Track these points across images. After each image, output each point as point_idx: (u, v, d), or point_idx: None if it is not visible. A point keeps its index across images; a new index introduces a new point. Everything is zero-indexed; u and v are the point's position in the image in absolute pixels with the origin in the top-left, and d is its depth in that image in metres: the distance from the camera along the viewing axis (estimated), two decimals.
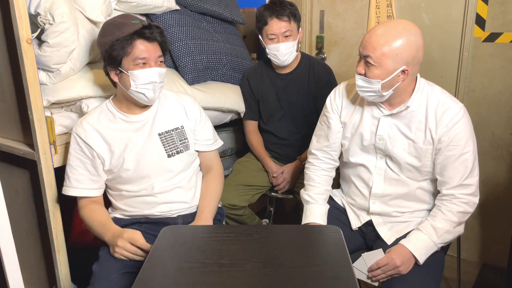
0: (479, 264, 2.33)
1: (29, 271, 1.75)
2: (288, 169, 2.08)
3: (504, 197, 2.20)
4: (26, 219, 1.75)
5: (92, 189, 1.52)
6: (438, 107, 1.39)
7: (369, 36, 1.35)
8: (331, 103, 1.59)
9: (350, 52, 2.51)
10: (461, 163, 1.38)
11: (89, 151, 1.48)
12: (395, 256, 1.36)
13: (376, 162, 1.52)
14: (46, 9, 1.45)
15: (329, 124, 1.59)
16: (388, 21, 1.40)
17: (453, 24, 2.17)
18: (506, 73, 2.08)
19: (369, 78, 1.36)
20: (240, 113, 2.14)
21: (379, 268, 1.38)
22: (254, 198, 2.11)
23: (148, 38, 1.42)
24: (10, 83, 1.51)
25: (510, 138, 2.14)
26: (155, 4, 1.86)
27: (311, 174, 1.65)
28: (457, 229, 1.43)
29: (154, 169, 1.53)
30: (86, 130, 1.48)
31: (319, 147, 1.64)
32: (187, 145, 1.59)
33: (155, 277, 1.03)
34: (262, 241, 1.19)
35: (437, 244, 1.39)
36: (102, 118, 1.52)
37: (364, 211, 1.58)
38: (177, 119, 1.59)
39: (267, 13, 1.91)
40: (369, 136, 1.49)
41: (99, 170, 1.50)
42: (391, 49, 1.31)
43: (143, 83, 1.43)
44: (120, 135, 1.50)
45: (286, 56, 1.94)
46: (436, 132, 1.39)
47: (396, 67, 1.33)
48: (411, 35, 1.32)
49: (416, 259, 1.37)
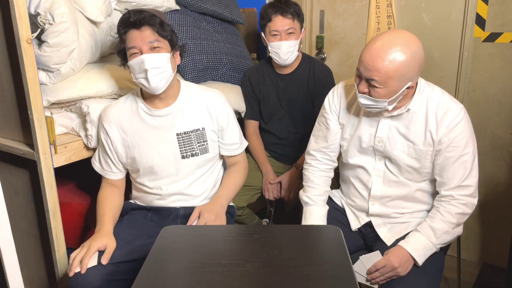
0: (479, 264, 2.33)
1: (29, 271, 1.75)
2: (286, 179, 2.06)
3: (504, 197, 2.20)
4: (26, 219, 1.75)
5: (106, 171, 1.59)
6: (438, 108, 1.38)
7: (370, 58, 1.28)
8: (329, 103, 1.58)
9: (350, 52, 2.51)
10: (461, 165, 1.38)
11: (105, 138, 1.54)
12: (392, 258, 1.36)
13: (375, 164, 1.51)
14: (46, 9, 1.45)
15: (328, 125, 1.58)
16: (387, 36, 1.30)
17: (453, 24, 2.17)
18: (506, 73, 2.08)
19: (374, 97, 1.33)
20: (240, 112, 2.14)
21: (377, 271, 1.38)
22: (254, 198, 2.11)
23: (134, 24, 1.39)
24: (10, 83, 1.51)
25: (510, 138, 2.14)
26: (155, 4, 1.86)
27: (310, 175, 1.65)
28: (456, 230, 1.43)
29: (165, 168, 1.54)
30: (108, 117, 1.54)
31: (317, 148, 1.64)
32: (206, 148, 1.57)
33: (155, 277, 1.03)
34: (262, 241, 1.18)
35: (436, 245, 1.39)
36: (126, 107, 1.55)
37: (364, 212, 1.58)
38: (199, 120, 1.56)
39: (271, 10, 1.92)
40: (368, 138, 1.48)
41: (113, 157, 1.56)
42: (396, 72, 1.26)
43: (137, 73, 1.42)
44: (139, 128, 1.53)
45: (288, 54, 1.94)
46: (436, 134, 1.38)
47: (402, 86, 1.31)
48: (414, 52, 1.27)
49: (415, 260, 1.37)
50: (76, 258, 1.34)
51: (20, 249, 1.55)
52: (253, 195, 2.10)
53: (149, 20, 1.40)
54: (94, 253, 1.35)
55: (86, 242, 1.38)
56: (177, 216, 1.59)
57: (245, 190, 2.05)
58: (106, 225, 1.46)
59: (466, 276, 2.17)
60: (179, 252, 1.15)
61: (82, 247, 1.37)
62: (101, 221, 1.47)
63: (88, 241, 1.38)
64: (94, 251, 1.35)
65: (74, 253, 1.36)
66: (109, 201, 1.56)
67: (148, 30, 1.41)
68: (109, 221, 1.48)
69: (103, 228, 1.44)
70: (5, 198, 1.45)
